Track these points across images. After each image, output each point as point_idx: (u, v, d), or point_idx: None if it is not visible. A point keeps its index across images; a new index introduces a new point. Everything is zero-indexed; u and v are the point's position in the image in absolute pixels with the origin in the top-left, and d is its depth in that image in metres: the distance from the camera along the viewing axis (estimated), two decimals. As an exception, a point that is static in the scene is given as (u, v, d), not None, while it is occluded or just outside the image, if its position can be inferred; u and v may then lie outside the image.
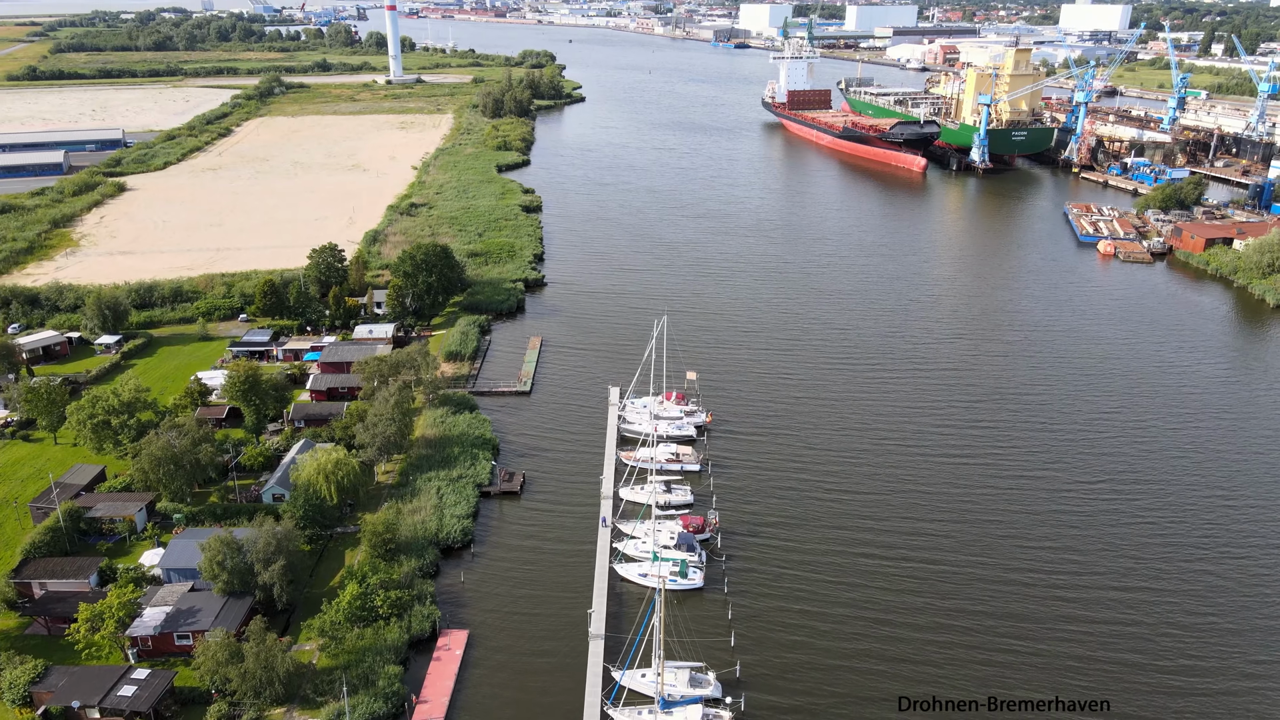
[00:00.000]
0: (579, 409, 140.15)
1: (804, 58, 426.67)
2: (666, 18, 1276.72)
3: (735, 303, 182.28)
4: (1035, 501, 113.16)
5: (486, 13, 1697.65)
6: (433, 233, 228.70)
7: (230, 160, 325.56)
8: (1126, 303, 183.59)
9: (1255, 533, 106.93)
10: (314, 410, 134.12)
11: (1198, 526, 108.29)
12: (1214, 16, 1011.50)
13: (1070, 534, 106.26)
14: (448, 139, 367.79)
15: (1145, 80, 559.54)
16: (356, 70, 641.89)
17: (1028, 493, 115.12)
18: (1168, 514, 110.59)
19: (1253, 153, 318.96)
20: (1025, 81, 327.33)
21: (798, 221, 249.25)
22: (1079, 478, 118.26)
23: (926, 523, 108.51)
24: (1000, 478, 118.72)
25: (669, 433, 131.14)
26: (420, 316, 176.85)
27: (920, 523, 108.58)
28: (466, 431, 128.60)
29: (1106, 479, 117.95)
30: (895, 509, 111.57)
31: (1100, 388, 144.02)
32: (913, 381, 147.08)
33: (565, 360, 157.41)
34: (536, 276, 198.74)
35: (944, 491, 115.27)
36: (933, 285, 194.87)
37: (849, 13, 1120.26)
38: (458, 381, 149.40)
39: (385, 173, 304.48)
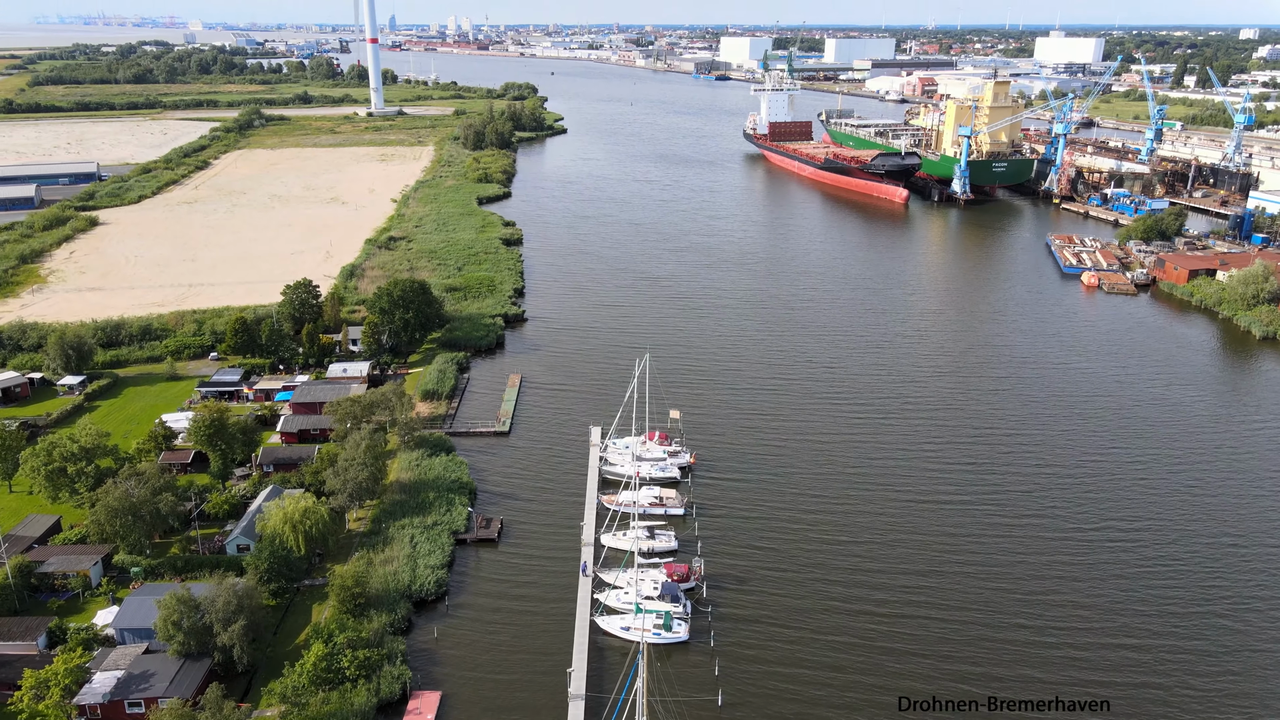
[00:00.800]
0: (559, 450, 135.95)
1: (785, 90, 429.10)
2: (648, 50, 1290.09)
3: (719, 338, 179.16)
4: (1035, 549, 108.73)
5: (469, 45, 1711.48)
6: (411, 267, 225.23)
7: (207, 193, 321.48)
8: (1114, 336, 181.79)
9: (1269, 579, 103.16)
10: (284, 454, 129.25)
11: (1208, 576, 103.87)
12: (1185, 49, 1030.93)
13: (1073, 587, 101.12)
14: (428, 171, 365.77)
15: (1121, 112, 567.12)
16: (338, 103, 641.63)
17: (1026, 540, 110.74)
18: (1174, 561, 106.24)
19: (1230, 183, 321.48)
20: (1004, 113, 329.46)
21: (781, 254, 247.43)
22: (1078, 523, 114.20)
23: (922, 574, 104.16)
24: (997, 523, 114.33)
25: (652, 474, 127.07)
26: (397, 354, 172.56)
27: (915, 574, 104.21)
28: (442, 475, 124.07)
29: (1107, 524, 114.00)
30: (888, 558, 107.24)
31: (1094, 425, 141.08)
32: (902, 420, 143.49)
33: (545, 399, 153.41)
34: (516, 311, 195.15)
35: (939, 540, 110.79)
36: (919, 319, 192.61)
37: (828, 45, 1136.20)
38: (434, 421, 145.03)
39: (364, 205, 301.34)
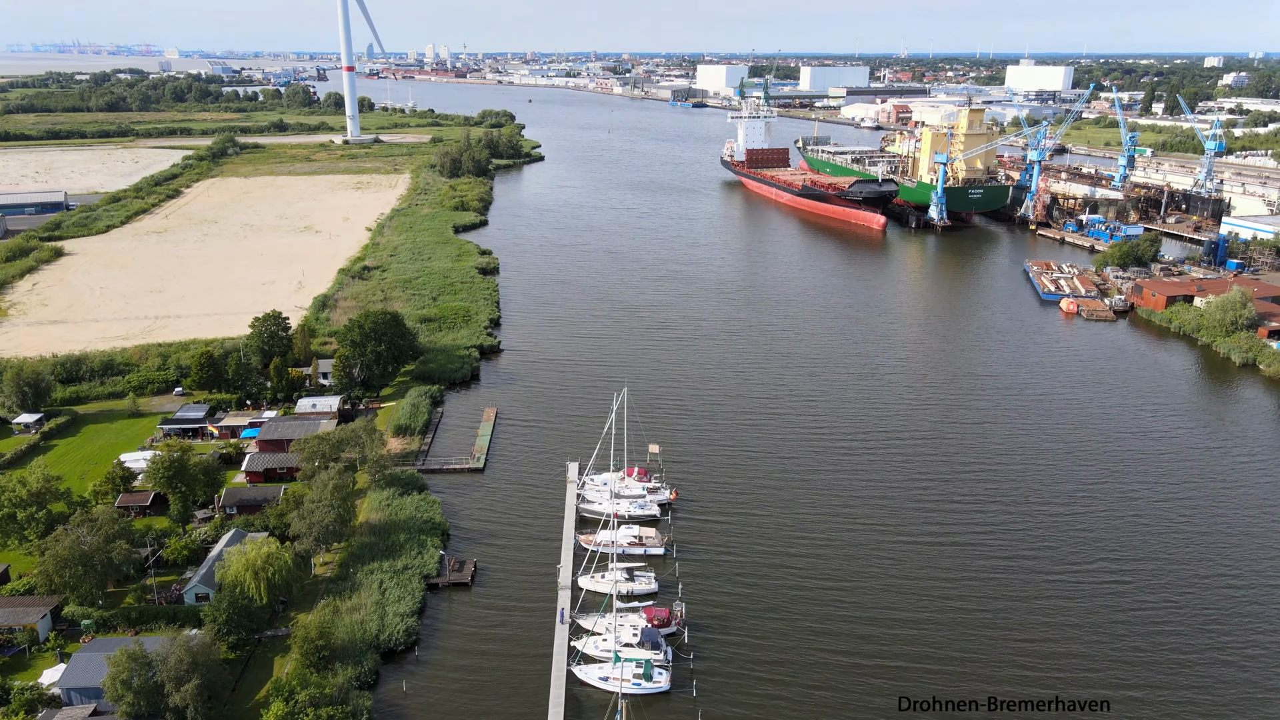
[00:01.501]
0: (535, 487, 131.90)
1: (761, 117, 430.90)
2: (625, 78, 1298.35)
3: (698, 369, 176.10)
4: (1025, 588, 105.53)
5: (447, 73, 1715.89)
6: (385, 297, 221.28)
7: (177, 222, 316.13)
8: (1097, 364, 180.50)
9: (1264, 614, 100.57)
10: (248, 495, 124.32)
11: (1204, 613, 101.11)
12: (1151, 77, 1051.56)
13: (1068, 634, 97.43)
14: (404, 199, 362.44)
15: (1092, 138, 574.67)
16: (314, 130, 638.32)
17: (1016, 577, 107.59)
18: (1168, 597, 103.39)
19: (1202, 209, 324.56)
20: (980, 140, 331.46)
21: (760, 282, 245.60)
22: (1069, 559, 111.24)
23: (911, 614, 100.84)
24: (985, 561, 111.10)
25: (631, 512, 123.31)
26: (369, 387, 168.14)
27: (904, 614, 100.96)
28: (414, 515, 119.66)
29: (1098, 561, 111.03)
30: (875, 599, 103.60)
31: (1081, 457, 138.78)
32: (887, 454, 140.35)
33: (521, 433, 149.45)
34: (492, 342, 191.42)
35: (926, 579, 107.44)
36: (900, 348, 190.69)
37: (803, 73, 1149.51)
38: (406, 458, 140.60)
39: (338, 234, 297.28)
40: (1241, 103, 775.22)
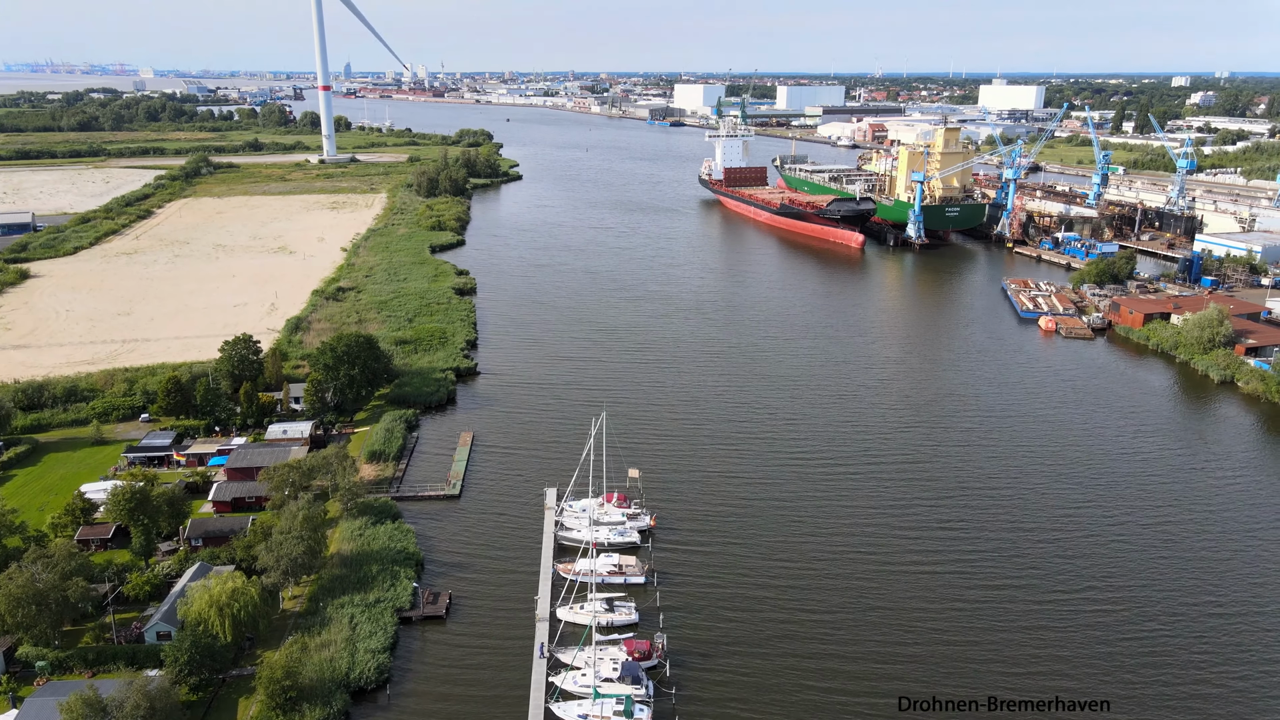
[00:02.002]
0: (512, 514, 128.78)
1: (739, 136, 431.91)
2: (603, 97, 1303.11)
3: (678, 391, 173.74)
4: (1013, 617, 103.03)
5: (425, 93, 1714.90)
6: (360, 319, 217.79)
7: (148, 243, 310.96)
8: (1078, 383, 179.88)
9: (1252, 642, 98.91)
10: (215, 526, 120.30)
11: (1195, 641, 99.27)
12: (1121, 96, 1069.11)
13: (1056, 670, 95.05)
14: (380, 219, 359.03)
15: (1065, 156, 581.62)
16: (289, 150, 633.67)
17: (1004, 606, 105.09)
18: (1157, 625, 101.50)
19: (1175, 226, 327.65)
20: (956, 159, 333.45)
21: (740, 301, 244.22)
22: (1057, 586, 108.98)
23: (897, 648, 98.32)
24: (973, 589, 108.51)
25: (610, 540, 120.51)
26: (342, 412, 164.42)
27: (891, 647, 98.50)
28: (387, 545, 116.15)
29: (1086, 587, 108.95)
30: (863, 630, 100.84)
31: (1065, 478, 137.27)
32: (870, 477, 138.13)
33: (498, 458, 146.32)
34: (469, 365, 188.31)
35: (914, 608, 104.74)
36: (881, 368, 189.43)
37: (780, 92, 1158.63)
38: (380, 485, 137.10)
39: (313, 255, 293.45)
40: (1210, 121, 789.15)
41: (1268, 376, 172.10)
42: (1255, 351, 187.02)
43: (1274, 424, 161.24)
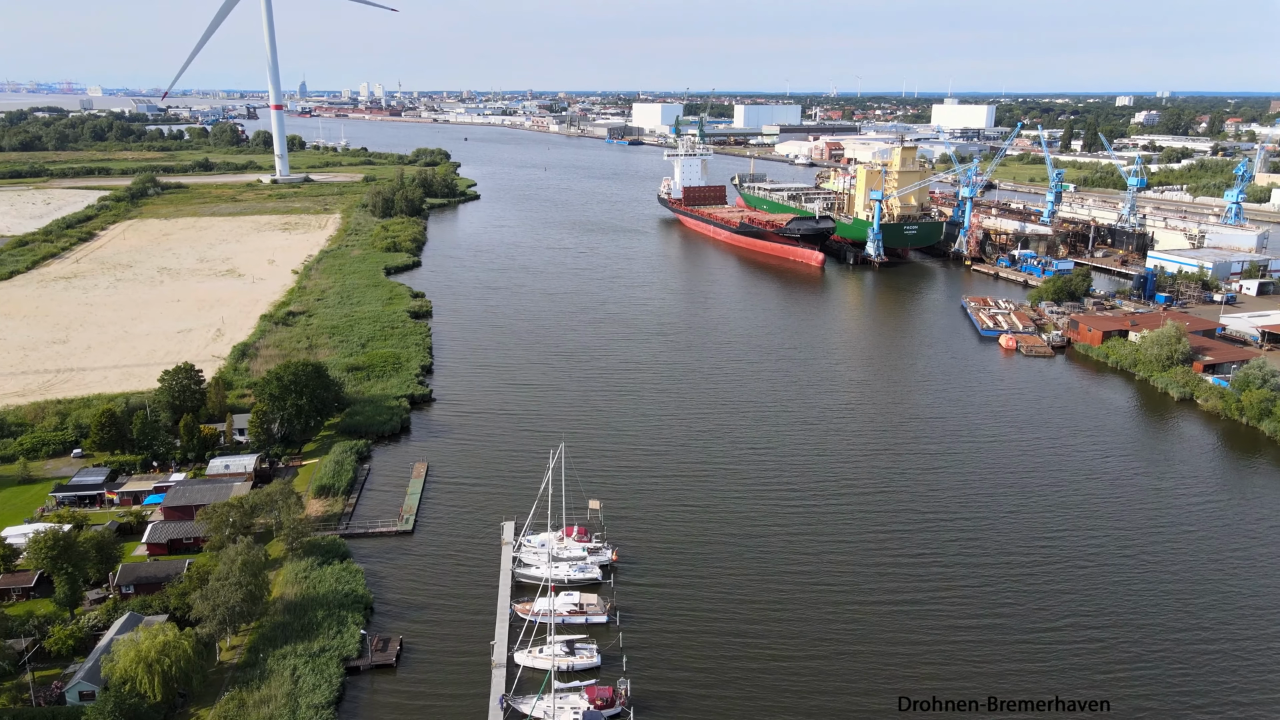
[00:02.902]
0: (468, 550, 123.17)
1: (697, 154, 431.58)
2: (562, 116, 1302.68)
3: (640, 417, 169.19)
4: (995, 660, 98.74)
5: (381, 111, 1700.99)
6: (310, 344, 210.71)
7: (89, 267, 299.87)
8: (1042, 403, 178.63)
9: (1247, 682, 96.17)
10: (148, 571, 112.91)
11: (1188, 680, 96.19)
12: (1068, 115, 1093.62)
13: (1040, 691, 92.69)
14: (333, 240, 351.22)
15: (1017, 174, 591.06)
16: (241, 169, 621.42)
17: (985, 647, 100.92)
18: (1147, 663, 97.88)
19: (1127, 243, 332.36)
20: (913, 178, 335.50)
21: (701, 323, 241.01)
22: (1038, 622, 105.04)
23: (872, 683, 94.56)
24: (952, 629, 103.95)
25: (570, 576, 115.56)
26: (289, 444, 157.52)
27: (864, 682, 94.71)
28: (334, 588, 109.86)
29: (1068, 621, 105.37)
30: (838, 680, 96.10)
31: (1037, 505, 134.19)
32: (839, 507, 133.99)
33: (453, 490, 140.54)
34: (424, 392, 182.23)
35: (890, 652, 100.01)
36: (847, 390, 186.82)
37: (737, 111, 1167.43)
38: (328, 522, 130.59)
39: (263, 278, 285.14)
40: (1154, 139, 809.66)
41: (1227, 394, 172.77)
42: (1213, 369, 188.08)
43: (1235, 442, 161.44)
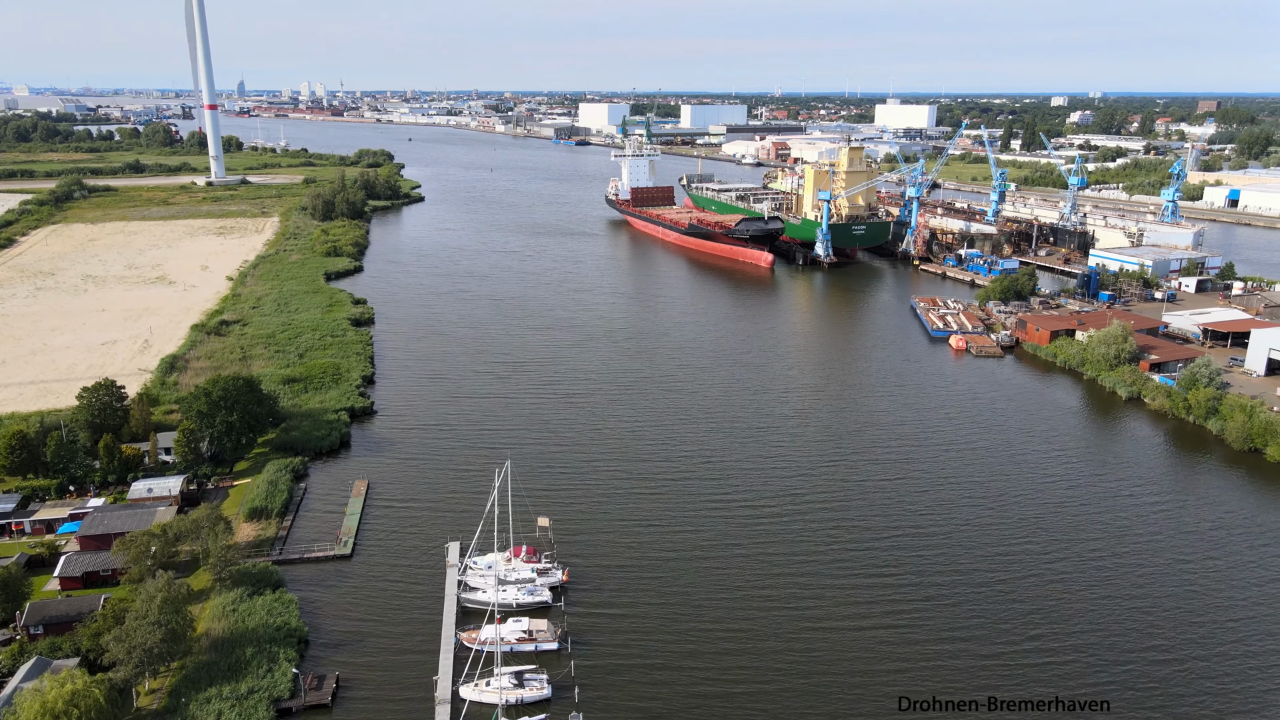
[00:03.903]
0: (411, 574, 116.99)
1: (645, 155, 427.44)
2: (508, 116, 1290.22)
3: (589, 429, 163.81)
4: (962, 677, 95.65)
5: (323, 111, 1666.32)
6: (244, 355, 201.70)
7: (7, 275, 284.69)
8: (996, 405, 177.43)
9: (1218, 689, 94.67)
10: (59, 609, 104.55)
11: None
12: (1007, 115, 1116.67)
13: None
14: (271, 245, 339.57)
15: (960, 174, 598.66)
16: (174, 171, 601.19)
17: (950, 663, 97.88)
18: (1115, 686, 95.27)
19: (1069, 241, 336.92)
20: (861, 178, 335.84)
21: (652, 328, 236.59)
22: (1002, 638, 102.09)
23: (837, 707, 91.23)
24: (915, 645, 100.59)
25: (519, 600, 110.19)
26: (220, 463, 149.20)
27: (830, 706, 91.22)
28: (265, 621, 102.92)
29: (1034, 636, 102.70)
30: (804, 699, 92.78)
31: (998, 513, 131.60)
32: (797, 520, 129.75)
33: (395, 510, 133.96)
34: (365, 404, 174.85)
35: (853, 677, 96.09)
36: (800, 396, 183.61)
37: (683, 111, 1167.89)
38: (260, 547, 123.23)
39: (195, 285, 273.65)
40: (1089, 139, 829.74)
41: (1173, 393, 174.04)
42: (1158, 367, 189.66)
43: (1183, 441, 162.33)
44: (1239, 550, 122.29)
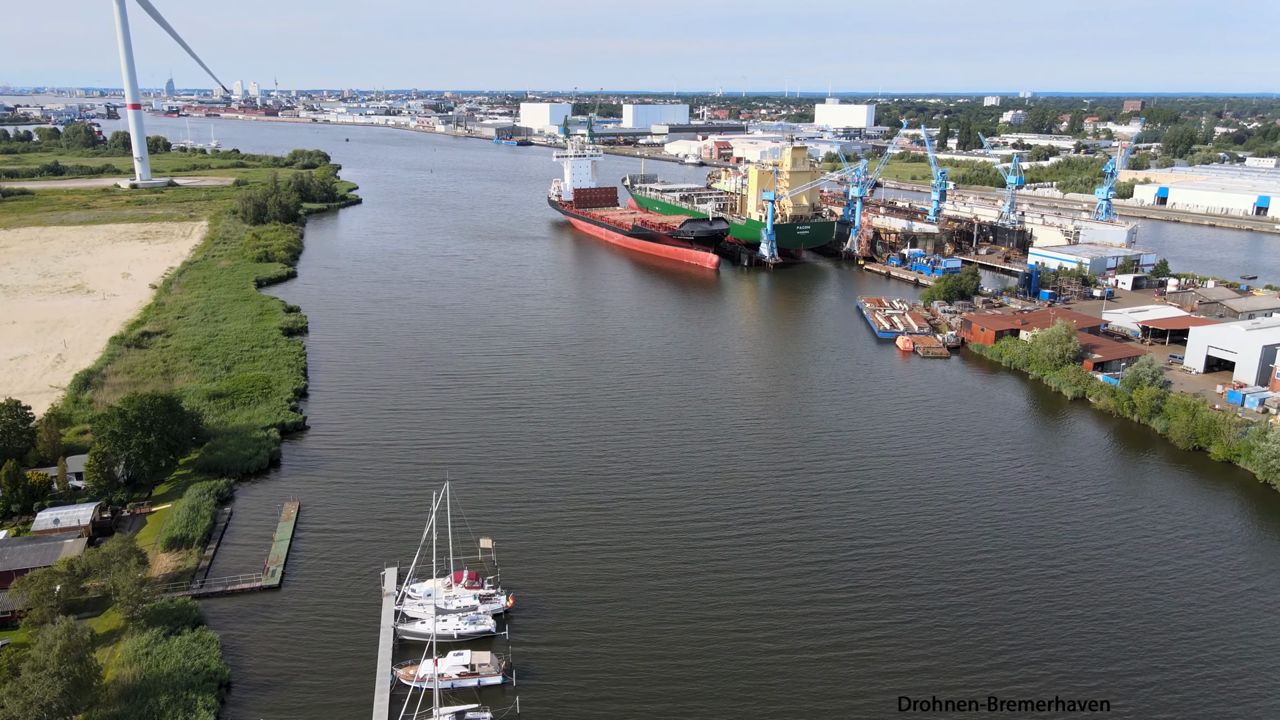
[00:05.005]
0: (345, 605, 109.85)
1: (588, 155, 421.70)
2: (448, 116, 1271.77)
3: (534, 443, 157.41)
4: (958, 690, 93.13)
5: (256, 111, 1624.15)
6: (167, 369, 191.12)
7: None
8: (946, 409, 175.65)
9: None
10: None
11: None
12: (942, 115, 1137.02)
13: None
14: (199, 250, 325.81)
15: (899, 173, 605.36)
16: (97, 174, 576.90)
17: (923, 683, 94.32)
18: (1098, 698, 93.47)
19: (1009, 240, 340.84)
20: (805, 178, 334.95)
21: (597, 334, 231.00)
22: (965, 660, 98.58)
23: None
24: (877, 678, 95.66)
25: (460, 630, 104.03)
26: (137, 488, 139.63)
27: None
28: (182, 664, 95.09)
29: (1001, 657, 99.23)
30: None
31: (955, 526, 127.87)
32: (753, 541, 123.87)
33: (328, 534, 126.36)
34: (296, 419, 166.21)
35: (816, 702, 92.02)
36: (751, 403, 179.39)
37: (626, 111, 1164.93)
38: (180, 580, 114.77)
39: (115, 294, 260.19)
40: (1022, 138, 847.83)
41: (1118, 392, 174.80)
42: (1102, 366, 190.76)
43: (1129, 442, 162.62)
44: (1196, 553, 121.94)
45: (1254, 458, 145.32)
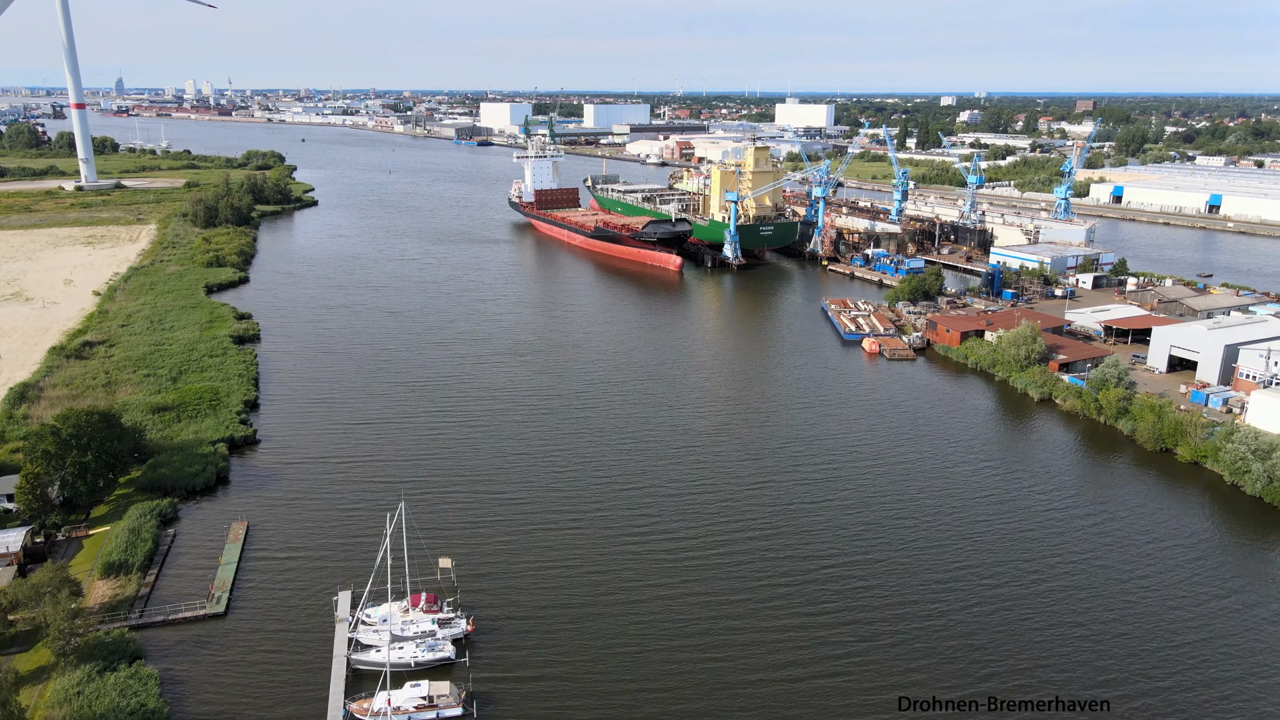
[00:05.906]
0: (295, 633, 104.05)
1: (549, 156, 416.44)
2: (407, 116, 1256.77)
3: (495, 455, 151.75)
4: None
5: (209, 110, 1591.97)
6: (110, 381, 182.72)
7: None
8: (917, 413, 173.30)
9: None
10: None
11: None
12: (900, 114, 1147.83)
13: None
14: (146, 255, 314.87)
15: (860, 172, 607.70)
16: (40, 175, 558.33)
17: (891, 708, 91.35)
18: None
19: (970, 239, 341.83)
20: (767, 178, 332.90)
21: (561, 340, 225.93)
22: (952, 680, 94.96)
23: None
24: (861, 699, 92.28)
25: (418, 658, 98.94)
26: (73, 509, 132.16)
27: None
28: (117, 704, 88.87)
29: (988, 677, 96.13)
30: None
31: (934, 537, 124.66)
32: (725, 556, 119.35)
33: (278, 556, 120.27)
34: (246, 432, 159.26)
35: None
36: (719, 410, 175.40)
37: (587, 111, 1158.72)
38: (118, 610, 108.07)
39: (56, 301, 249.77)
40: (979, 138, 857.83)
41: (1084, 393, 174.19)
42: (1067, 367, 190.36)
43: (1097, 444, 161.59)
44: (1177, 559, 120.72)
45: (1221, 459, 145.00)
